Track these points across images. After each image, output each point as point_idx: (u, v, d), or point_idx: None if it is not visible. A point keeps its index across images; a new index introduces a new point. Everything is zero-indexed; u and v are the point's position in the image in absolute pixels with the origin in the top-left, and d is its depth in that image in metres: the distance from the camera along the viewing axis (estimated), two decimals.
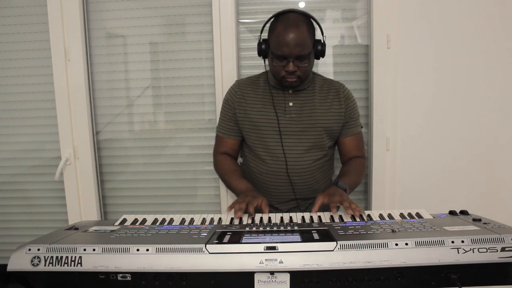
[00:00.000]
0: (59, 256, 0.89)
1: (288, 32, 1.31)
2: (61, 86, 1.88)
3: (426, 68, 1.80)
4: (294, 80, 1.39)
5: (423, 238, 0.88)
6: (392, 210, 1.19)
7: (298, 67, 1.36)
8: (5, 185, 2.05)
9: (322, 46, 1.41)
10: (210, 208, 2.02)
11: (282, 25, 1.34)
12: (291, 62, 1.34)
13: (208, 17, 1.86)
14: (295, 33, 1.31)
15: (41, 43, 1.91)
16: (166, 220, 1.16)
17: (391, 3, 1.77)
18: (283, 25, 1.33)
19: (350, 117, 1.53)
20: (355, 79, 1.88)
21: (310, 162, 1.49)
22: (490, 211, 1.25)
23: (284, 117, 1.47)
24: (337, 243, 0.88)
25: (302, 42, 1.32)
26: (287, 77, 1.38)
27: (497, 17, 1.76)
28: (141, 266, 0.87)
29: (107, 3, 1.90)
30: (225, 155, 1.58)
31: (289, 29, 1.31)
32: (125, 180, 2.03)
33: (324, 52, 1.42)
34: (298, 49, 1.32)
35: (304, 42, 1.33)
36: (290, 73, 1.36)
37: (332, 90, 1.52)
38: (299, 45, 1.32)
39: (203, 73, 1.92)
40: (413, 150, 1.85)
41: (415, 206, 1.19)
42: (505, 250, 0.87)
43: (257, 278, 0.87)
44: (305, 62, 1.36)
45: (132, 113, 1.99)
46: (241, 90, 1.52)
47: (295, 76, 1.38)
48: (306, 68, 1.38)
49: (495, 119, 1.82)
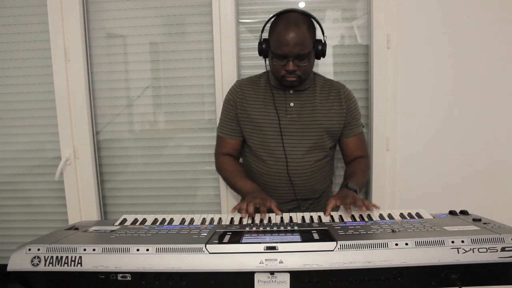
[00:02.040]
0: (59, 256, 0.89)
1: (288, 31, 1.32)
2: (61, 86, 1.88)
3: (426, 68, 1.80)
4: (294, 79, 1.39)
5: (423, 238, 0.88)
6: (392, 210, 1.19)
7: (298, 66, 1.36)
8: (5, 185, 2.05)
9: (322, 46, 1.41)
10: (210, 208, 2.02)
11: (283, 24, 1.34)
12: (290, 62, 1.35)
13: (208, 17, 1.86)
14: (295, 32, 1.32)
15: (41, 43, 1.91)
16: (166, 220, 1.16)
17: (391, 3, 1.77)
18: (283, 25, 1.34)
19: (352, 118, 1.53)
20: (355, 79, 1.88)
21: (311, 162, 1.49)
22: (490, 211, 1.25)
23: (285, 117, 1.47)
24: (337, 243, 0.88)
25: (302, 42, 1.33)
26: (287, 76, 1.38)
27: (497, 17, 1.76)
28: (141, 266, 0.87)
29: (107, 3, 1.90)
30: (227, 156, 1.58)
31: (289, 29, 1.32)
32: (125, 180, 2.03)
33: (324, 52, 1.42)
34: (298, 48, 1.32)
35: (304, 41, 1.33)
36: (290, 72, 1.36)
37: (333, 91, 1.52)
38: (299, 44, 1.32)
39: (203, 73, 1.92)
40: (413, 150, 1.85)
41: (415, 206, 1.19)
42: (505, 250, 0.87)
43: (257, 278, 0.87)
44: (305, 62, 1.36)
45: (132, 113, 1.99)
46: (242, 90, 1.52)
47: (295, 75, 1.38)
48: (306, 67, 1.38)
49: (495, 119, 1.82)
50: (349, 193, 1.28)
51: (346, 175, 1.52)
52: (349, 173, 1.51)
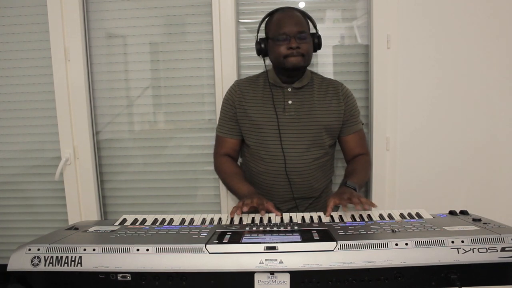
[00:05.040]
0: (59, 256, 0.89)
1: (286, 14, 1.45)
2: (61, 86, 1.88)
3: (426, 68, 1.80)
4: (298, 58, 1.41)
5: (423, 238, 0.88)
6: (392, 210, 1.19)
7: (300, 44, 1.40)
8: (5, 185, 2.05)
9: (318, 39, 1.49)
10: (210, 208, 2.02)
11: (279, 13, 1.46)
12: (293, 38, 1.40)
13: (208, 17, 1.86)
14: (293, 14, 1.44)
15: (41, 43, 1.91)
16: (166, 220, 1.16)
17: (391, 3, 1.77)
18: (280, 13, 1.46)
19: (351, 115, 1.53)
20: (355, 79, 1.88)
21: (310, 160, 1.49)
22: (490, 211, 1.25)
23: (284, 115, 1.47)
24: (337, 243, 0.88)
25: (300, 21, 1.43)
26: (291, 55, 1.41)
27: (497, 17, 1.76)
28: (141, 266, 0.87)
29: (107, 3, 1.90)
30: (226, 157, 1.58)
31: (287, 13, 1.45)
32: (125, 180, 2.03)
33: (320, 45, 1.50)
34: (298, 27, 1.41)
35: (302, 21, 1.44)
36: (293, 49, 1.40)
37: (331, 89, 1.53)
38: (298, 23, 1.42)
39: (203, 73, 1.92)
40: (413, 150, 1.85)
41: (415, 206, 1.19)
42: (505, 250, 0.87)
43: (257, 278, 0.87)
44: (306, 41, 1.42)
45: (132, 113, 1.99)
46: (241, 90, 1.53)
47: (298, 54, 1.40)
48: (307, 47, 1.43)
49: (495, 119, 1.82)
50: (347, 191, 1.28)
51: (346, 173, 1.52)
52: (349, 171, 1.52)
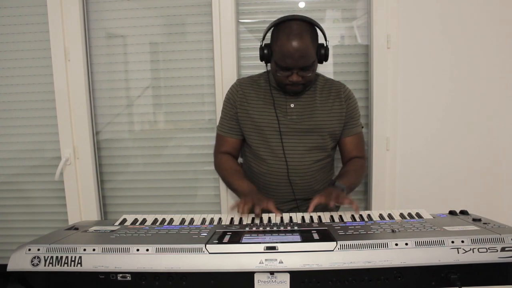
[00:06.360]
0: (59, 256, 0.89)
1: (292, 43, 1.30)
2: (61, 86, 1.88)
3: (426, 68, 1.80)
4: (297, 88, 1.41)
5: (423, 238, 0.88)
6: (392, 210, 1.19)
7: (302, 77, 1.37)
8: (5, 185, 2.05)
9: (325, 50, 1.40)
10: (210, 208, 2.02)
11: (285, 35, 1.32)
12: (295, 73, 1.35)
13: (208, 17, 1.86)
14: (299, 44, 1.30)
15: (41, 43, 1.91)
16: (166, 220, 1.16)
17: (391, 3, 1.77)
18: (286, 36, 1.32)
19: (351, 117, 1.53)
20: (355, 79, 1.88)
21: (311, 162, 1.49)
22: (490, 211, 1.25)
23: (285, 118, 1.47)
24: (337, 243, 0.88)
25: (306, 53, 1.32)
26: (292, 85, 1.39)
27: (497, 17, 1.76)
28: (141, 266, 0.87)
29: (107, 3, 1.90)
30: (226, 155, 1.57)
31: (292, 40, 1.30)
32: (125, 180, 2.03)
33: (327, 57, 1.41)
34: (302, 61, 1.32)
35: (308, 53, 1.32)
36: (294, 83, 1.37)
37: (333, 91, 1.52)
38: (303, 56, 1.31)
39: (203, 73, 1.92)
40: (413, 150, 1.85)
41: (415, 206, 1.19)
42: (505, 250, 0.87)
43: (257, 278, 0.87)
44: (309, 72, 1.37)
45: (132, 113, 1.99)
46: (243, 89, 1.52)
47: (299, 84, 1.39)
48: (310, 77, 1.39)
49: (495, 119, 1.82)
50: (334, 191, 1.27)
51: (339, 174, 1.51)
52: (341, 172, 1.51)
